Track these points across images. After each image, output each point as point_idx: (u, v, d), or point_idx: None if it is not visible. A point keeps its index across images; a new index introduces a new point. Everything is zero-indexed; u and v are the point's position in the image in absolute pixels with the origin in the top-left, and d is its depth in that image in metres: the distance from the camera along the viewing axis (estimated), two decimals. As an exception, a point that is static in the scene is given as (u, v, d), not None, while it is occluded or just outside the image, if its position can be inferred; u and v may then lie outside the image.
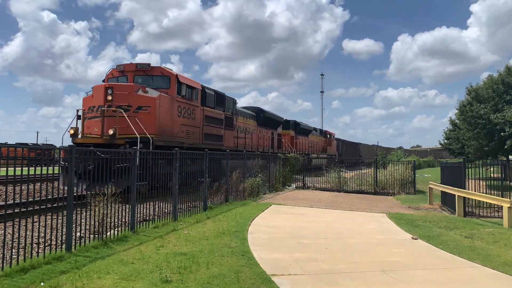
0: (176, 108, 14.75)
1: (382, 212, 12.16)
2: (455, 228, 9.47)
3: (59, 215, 6.23)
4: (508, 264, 6.40)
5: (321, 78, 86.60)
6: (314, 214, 11.49)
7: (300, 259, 6.45)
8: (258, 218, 10.18)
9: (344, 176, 20.71)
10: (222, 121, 18.67)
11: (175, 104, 14.70)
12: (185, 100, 15.33)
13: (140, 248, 6.66)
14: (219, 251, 6.65)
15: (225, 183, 13.08)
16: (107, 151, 7.54)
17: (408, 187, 19.10)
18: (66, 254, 5.96)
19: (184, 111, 15.32)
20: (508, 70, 23.72)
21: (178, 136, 14.78)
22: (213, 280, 5.17)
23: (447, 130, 43.00)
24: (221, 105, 18.72)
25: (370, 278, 5.59)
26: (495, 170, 14.68)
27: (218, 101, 18.36)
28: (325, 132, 45.77)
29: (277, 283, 5.18)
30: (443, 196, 14.39)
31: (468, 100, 24.67)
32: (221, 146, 17.97)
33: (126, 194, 7.93)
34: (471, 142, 26.05)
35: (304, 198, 15.82)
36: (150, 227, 8.34)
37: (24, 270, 5.15)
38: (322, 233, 8.73)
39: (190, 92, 15.73)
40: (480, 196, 11.62)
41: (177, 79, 14.78)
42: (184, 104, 15.25)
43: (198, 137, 16.31)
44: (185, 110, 15.34)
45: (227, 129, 19.31)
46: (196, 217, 9.96)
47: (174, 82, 14.73)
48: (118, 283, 4.93)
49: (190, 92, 15.77)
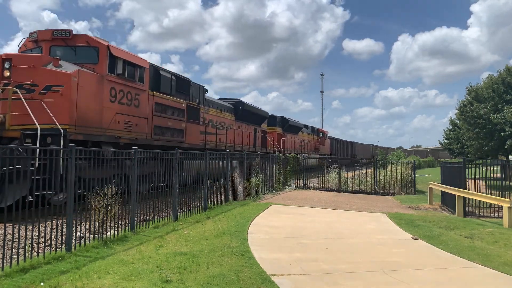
0: (107, 90, 11.14)
1: (382, 212, 12.16)
2: (455, 228, 9.47)
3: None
4: (508, 264, 6.40)
5: (321, 78, 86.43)
6: (314, 214, 11.49)
7: (300, 259, 6.45)
8: (258, 218, 10.18)
9: (344, 176, 20.70)
10: (183, 111, 15.26)
11: (105, 85, 11.05)
12: (124, 81, 11.80)
13: (140, 248, 6.66)
14: (219, 251, 6.65)
15: (224, 183, 13.08)
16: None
17: (408, 187, 19.10)
18: (66, 254, 5.96)
19: (122, 96, 11.74)
20: (508, 70, 23.75)
21: (110, 128, 11.27)
22: (213, 280, 5.17)
23: (447, 130, 43.02)
24: (183, 92, 15.54)
25: (370, 278, 5.59)
26: (495, 170, 14.67)
27: (178, 87, 15.20)
28: (317, 130, 43.10)
29: (277, 283, 5.18)
30: (443, 196, 14.39)
31: (468, 100, 24.71)
32: (181, 143, 14.75)
33: (126, 194, 7.92)
34: (471, 142, 26.08)
35: (304, 198, 15.81)
36: (150, 227, 8.34)
37: (24, 270, 5.14)
38: (322, 233, 8.73)
39: (132, 71, 12.22)
40: (480, 196, 11.62)
41: (109, 52, 11.20)
42: (121, 86, 11.69)
43: (144, 130, 12.92)
44: (123, 94, 11.77)
45: (191, 122, 15.89)
46: (196, 217, 9.96)
47: (104, 55, 11.12)
48: (118, 283, 4.93)
49: (132, 71, 12.27)
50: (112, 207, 7.20)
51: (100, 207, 6.88)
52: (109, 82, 11.22)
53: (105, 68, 11.11)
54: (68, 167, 6.36)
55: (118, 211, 7.43)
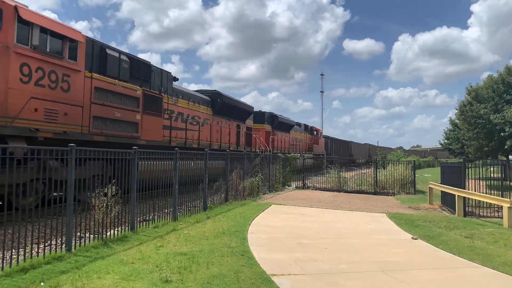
0: (15, 66, 8.60)
1: (382, 212, 12.16)
2: (455, 228, 9.46)
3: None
4: (508, 264, 6.40)
5: (321, 78, 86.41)
6: (314, 214, 11.49)
7: (300, 259, 6.45)
8: (258, 218, 10.18)
9: (344, 176, 20.71)
10: (137, 100, 12.63)
11: (12, 60, 8.52)
12: (44, 56, 9.26)
13: (140, 248, 6.66)
14: (219, 251, 6.66)
15: (224, 183, 13.08)
16: None
17: (408, 187, 19.10)
18: (66, 254, 5.96)
19: (41, 76, 9.22)
20: (508, 70, 23.76)
21: (22, 118, 8.73)
22: (213, 280, 5.17)
23: (447, 130, 43.09)
24: (140, 78, 13.11)
25: (370, 278, 5.59)
26: (495, 170, 14.68)
27: (134, 71, 12.74)
28: (311, 128, 40.67)
29: (277, 283, 5.18)
30: (443, 196, 14.39)
31: (468, 100, 24.71)
32: (135, 140, 12.32)
33: (126, 194, 7.92)
34: (471, 142, 26.10)
35: (304, 198, 15.81)
36: (150, 227, 8.34)
37: (24, 270, 5.14)
38: (322, 233, 8.73)
39: (57, 44, 9.67)
40: (480, 196, 11.62)
41: (18, 15, 8.57)
42: (40, 62, 9.16)
43: (78, 122, 10.34)
44: (42, 73, 9.26)
45: (150, 114, 13.32)
46: (196, 217, 9.96)
47: (10, 19, 8.47)
48: (118, 283, 4.93)
49: (59, 44, 9.72)
50: (112, 207, 7.19)
51: (100, 207, 6.88)
52: (18, 56, 8.63)
53: (12, 37, 8.52)
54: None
55: (118, 211, 7.43)
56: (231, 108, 21.01)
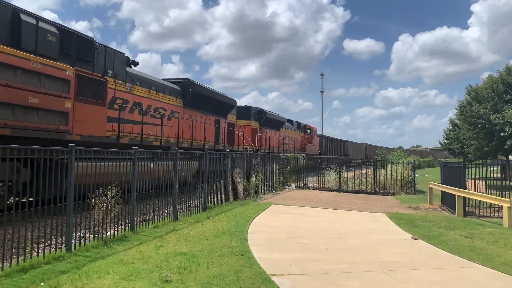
0: None
1: (382, 212, 12.16)
2: (455, 228, 9.47)
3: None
4: (508, 264, 6.40)
5: (321, 78, 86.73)
6: (314, 214, 11.49)
7: (300, 259, 6.45)
8: (258, 218, 10.18)
9: (344, 176, 20.71)
10: (67, 83, 9.60)
11: None
12: None
13: (140, 248, 6.66)
14: (219, 251, 6.65)
15: (224, 183, 13.07)
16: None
17: (408, 187, 19.11)
18: (66, 254, 5.96)
19: None
20: (508, 70, 23.77)
21: None
22: (213, 280, 5.17)
23: (447, 130, 43.09)
24: (75, 56, 10.30)
25: (370, 278, 5.59)
26: (495, 170, 14.68)
27: (64, 46, 10.05)
28: (304, 126, 38.13)
29: (277, 283, 5.18)
30: (443, 196, 14.39)
31: (468, 100, 24.71)
32: (62, 134, 9.44)
33: (126, 194, 7.91)
34: (471, 142, 26.11)
35: (304, 198, 15.81)
36: (150, 227, 8.34)
37: (24, 270, 5.14)
38: (322, 233, 8.73)
39: None
40: (480, 196, 11.62)
41: None
42: None
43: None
44: None
45: (87, 101, 10.39)
46: (196, 217, 9.96)
47: None
48: (118, 283, 4.93)
49: None
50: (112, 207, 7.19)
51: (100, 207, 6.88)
52: None
53: None
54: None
55: (118, 211, 7.42)
56: (207, 100, 18.04)
